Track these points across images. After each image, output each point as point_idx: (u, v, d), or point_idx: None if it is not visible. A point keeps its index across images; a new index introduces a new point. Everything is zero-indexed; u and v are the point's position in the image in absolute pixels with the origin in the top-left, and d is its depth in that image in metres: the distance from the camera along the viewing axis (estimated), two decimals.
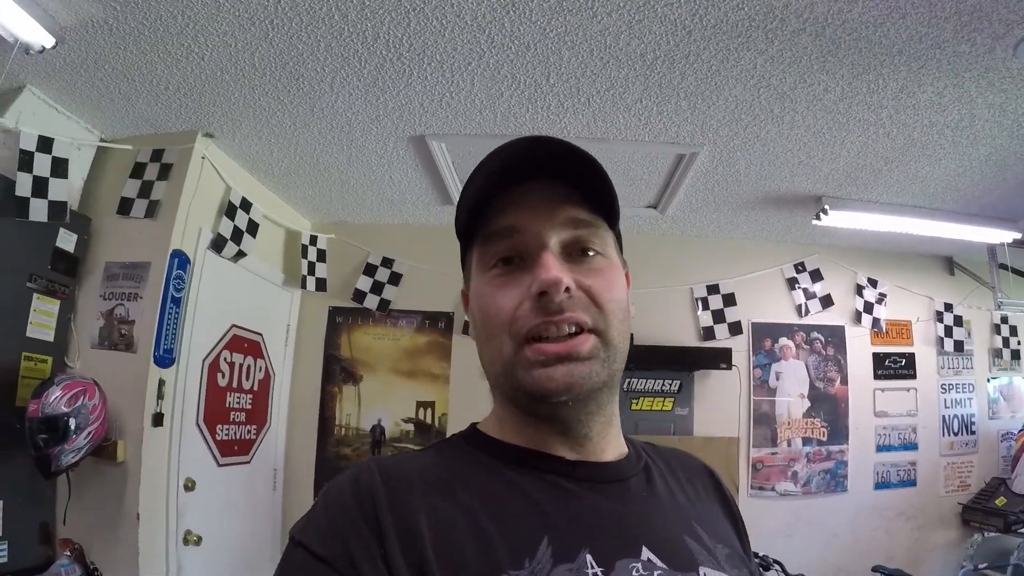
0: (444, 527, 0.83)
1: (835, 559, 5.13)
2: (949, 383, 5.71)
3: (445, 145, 3.79)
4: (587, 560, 0.82)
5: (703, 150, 3.75)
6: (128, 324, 3.42)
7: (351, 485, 0.88)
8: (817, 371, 5.35)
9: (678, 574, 0.86)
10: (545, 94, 3.20)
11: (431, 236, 5.13)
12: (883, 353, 5.54)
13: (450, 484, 0.90)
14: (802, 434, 5.25)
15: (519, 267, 0.94)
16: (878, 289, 5.55)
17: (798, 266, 5.47)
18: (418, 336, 5.05)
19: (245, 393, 4.36)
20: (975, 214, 4.65)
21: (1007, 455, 5.72)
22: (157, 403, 3.41)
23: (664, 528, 0.94)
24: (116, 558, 3.21)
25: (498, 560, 0.80)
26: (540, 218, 0.94)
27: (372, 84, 3.15)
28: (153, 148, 3.64)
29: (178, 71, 3.06)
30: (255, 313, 4.47)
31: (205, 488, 3.82)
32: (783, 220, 4.95)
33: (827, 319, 5.45)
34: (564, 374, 0.88)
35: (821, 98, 3.19)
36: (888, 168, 3.98)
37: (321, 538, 0.82)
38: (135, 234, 3.54)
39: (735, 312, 5.29)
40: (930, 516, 5.47)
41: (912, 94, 3.13)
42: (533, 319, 0.90)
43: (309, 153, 3.95)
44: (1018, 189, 4.22)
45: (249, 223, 4.12)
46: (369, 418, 4.97)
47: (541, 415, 0.95)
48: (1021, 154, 3.75)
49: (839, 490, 5.28)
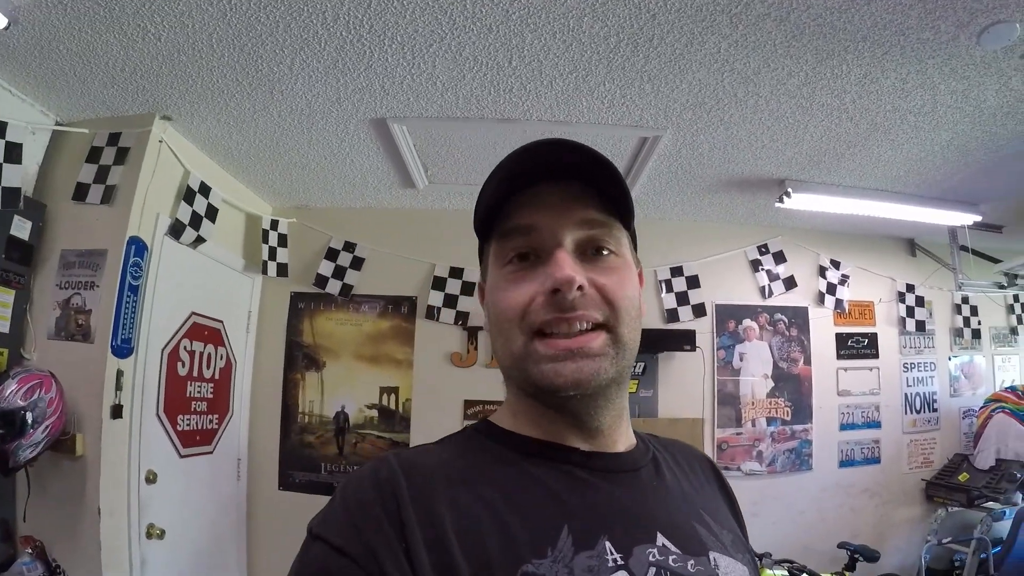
0: (467, 519, 0.84)
1: (801, 536, 5.17)
2: (911, 362, 5.79)
3: (407, 128, 3.74)
4: (606, 547, 0.85)
5: (666, 133, 3.73)
6: (85, 314, 3.35)
7: (371, 478, 0.88)
8: (781, 352, 5.38)
9: (691, 559, 0.90)
10: (507, 76, 3.17)
11: (393, 220, 5.11)
12: (846, 333, 5.59)
13: (469, 476, 0.92)
14: (766, 414, 5.29)
15: (534, 264, 0.97)
16: (841, 271, 5.60)
17: (761, 248, 5.49)
18: (381, 321, 5.00)
19: (206, 382, 4.29)
20: (937, 197, 4.71)
21: (969, 432, 5.83)
22: (116, 394, 3.34)
23: (675, 515, 0.98)
24: (78, 554, 3.16)
25: (521, 550, 0.82)
26: (556, 217, 0.97)
27: (332, 66, 3.09)
28: (110, 131, 3.56)
29: (134, 52, 2.99)
30: (215, 300, 4.40)
31: (167, 480, 3.76)
32: (746, 203, 4.96)
33: (790, 300, 5.48)
34: (573, 370, 0.91)
35: (785, 82, 3.19)
36: (851, 152, 4.00)
37: (341, 531, 0.82)
38: (91, 221, 3.46)
39: (699, 294, 5.30)
40: (894, 493, 5.55)
41: (876, 80, 3.14)
42: (545, 314, 0.93)
43: (269, 136, 3.89)
44: (979, 174, 4.28)
45: (208, 208, 4.05)
46: (332, 405, 4.92)
47: (553, 407, 0.97)
48: (982, 140, 3.79)
49: (804, 469, 5.33)
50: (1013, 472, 4.94)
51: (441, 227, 5.11)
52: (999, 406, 5.34)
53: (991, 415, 5.37)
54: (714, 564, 0.93)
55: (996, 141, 3.80)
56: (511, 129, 3.68)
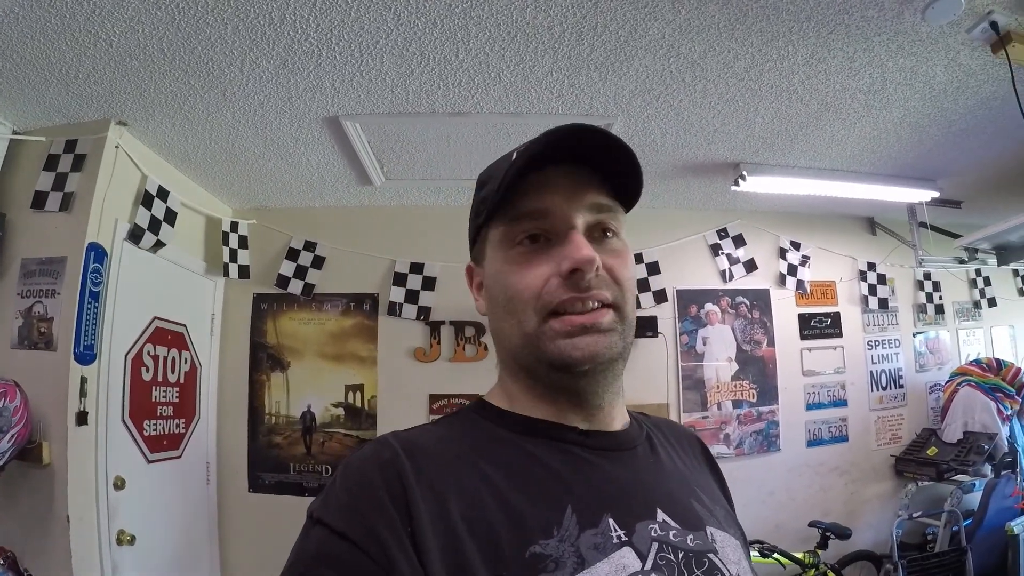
0: (472, 500, 0.85)
1: (772, 517, 5.21)
2: (875, 339, 5.84)
3: (360, 125, 3.72)
4: (610, 524, 0.87)
5: (617, 121, 3.73)
6: (47, 322, 3.32)
7: (374, 459, 0.89)
8: (744, 334, 5.41)
9: (690, 533, 0.93)
10: (455, 70, 3.16)
11: (353, 218, 5.10)
12: (809, 314, 5.63)
13: (470, 456, 0.93)
14: (732, 397, 5.32)
15: (544, 246, 0.99)
16: (801, 251, 5.64)
17: (720, 232, 5.52)
18: (343, 319, 4.98)
19: (171, 386, 4.26)
20: (894, 175, 4.75)
21: (936, 406, 5.90)
22: (80, 401, 3.31)
23: (673, 492, 1.01)
24: (49, 563, 3.14)
25: (528, 531, 0.83)
26: (568, 201, 0.98)
27: (282, 66, 3.08)
28: (66, 139, 3.54)
29: (87, 59, 2.97)
30: (177, 304, 4.37)
31: (135, 486, 3.73)
32: (703, 187, 4.97)
33: (752, 283, 5.51)
34: (589, 343, 0.94)
35: (731, 65, 3.20)
36: (803, 133, 4.02)
37: (342, 515, 0.82)
38: (50, 229, 3.44)
39: (659, 280, 5.32)
40: (863, 470, 5.60)
41: (823, 59, 3.16)
42: (562, 294, 0.95)
43: (224, 138, 3.86)
44: (934, 150, 4.32)
45: (167, 212, 4.03)
46: (299, 405, 4.91)
47: (559, 386, 0.99)
48: (934, 116, 3.82)
49: (772, 450, 5.37)
50: (981, 444, 5.01)
51: (400, 223, 5.11)
52: (965, 379, 5.42)
53: (957, 388, 5.44)
54: (711, 538, 0.96)
55: (948, 117, 3.84)
56: (463, 123, 3.69)
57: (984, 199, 5.35)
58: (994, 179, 4.94)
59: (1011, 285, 6.72)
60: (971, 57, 3.16)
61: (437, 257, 4.97)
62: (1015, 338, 6.62)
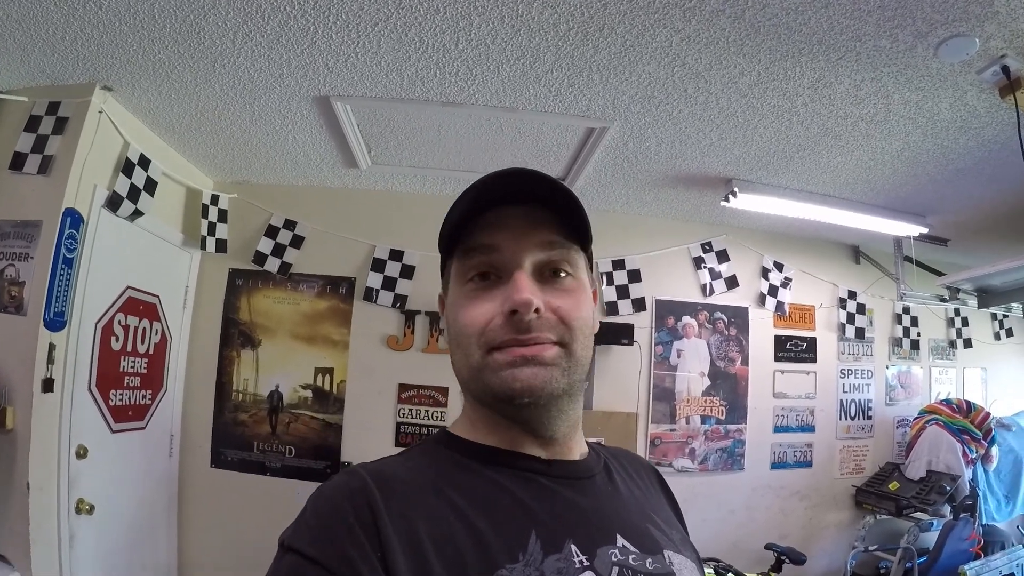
0: (440, 526, 0.88)
1: (730, 535, 5.23)
2: (848, 368, 5.86)
3: (350, 107, 3.66)
4: (572, 549, 0.91)
5: (614, 125, 3.69)
6: (18, 285, 3.27)
7: (343, 489, 0.90)
8: (719, 350, 5.41)
9: (648, 557, 0.98)
10: (453, 59, 3.11)
11: (335, 199, 5.04)
12: (785, 336, 5.63)
13: (437, 484, 0.96)
14: (701, 412, 5.31)
15: (494, 283, 1.02)
16: (783, 273, 5.64)
17: (705, 246, 5.50)
18: (318, 301, 4.93)
19: (140, 357, 4.21)
20: (884, 206, 4.75)
21: (902, 441, 5.93)
22: (47, 368, 3.27)
23: (630, 518, 1.05)
24: (6, 529, 3.13)
25: (494, 555, 0.86)
26: (518, 239, 1.02)
27: (276, 41, 3.01)
28: (49, 100, 3.47)
29: (75, 20, 2.89)
30: (152, 274, 4.31)
31: (98, 455, 3.71)
32: (692, 199, 4.95)
33: (731, 300, 5.50)
34: (529, 375, 0.96)
35: (736, 81, 3.16)
36: (800, 155, 4.00)
37: (313, 541, 0.83)
38: (27, 191, 3.38)
39: (639, 288, 5.29)
40: (824, 497, 5.64)
41: (829, 84, 3.13)
42: (503, 335, 0.98)
43: (211, 109, 3.79)
44: (928, 186, 4.32)
45: (147, 181, 3.97)
46: (267, 384, 4.86)
47: (510, 417, 1.03)
48: (933, 152, 3.82)
49: (736, 468, 5.37)
50: (943, 484, 5.02)
51: (383, 208, 5.06)
52: (933, 418, 5.43)
53: (925, 426, 5.45)
54: (669, 561, 1.00)
55: (947, 155, 3.83)
56: (456, 113, 3.63)
57: (971, 239, 5.38)
58: (984, 221, 4.96)
59: (988, 328, 6.78)
60: (978, 98, 3.15)
61: (418, 246, 4.92)
62: (986, 381, 6.67)
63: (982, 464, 5.20)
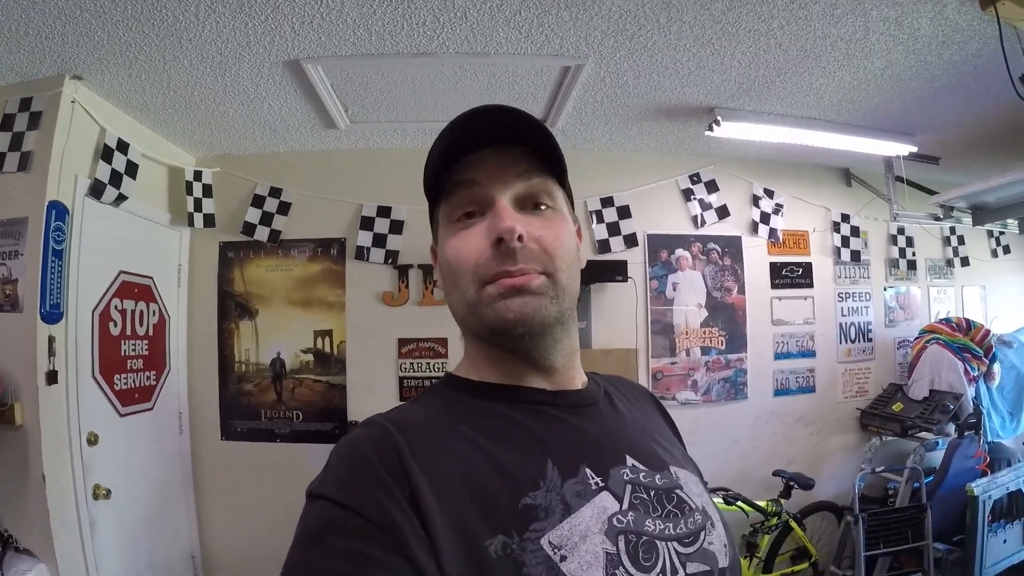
0: (464, 462, 0.94)
1: (737, 465, 5.27)
2: (846, 292, 5.86)
3: (322, 68, 3.65)
4: (587, 473, 0.98)
5: (588, 62, 3.67)
6: (12, 284, 3.34)
7: (367, 438, 0.95)
8: (714, 281, 5.41)
9: (656, 473, 1.06)
10: (419, 9, 3.08)
11: (318, 162, 5.04)
12: (780, 263, 5.63)
13: (454, 425, 1.01)
14: (701, 343, 5.33)
15: (480, 219, 1.07)
16: (774, 199, 5.62)
17: (693, 177, 5.47)
18: (311, 265, 4.96)
19: (140, 339, 4.29)
20: (872, 127, 4.72)
21: (903, 362, 5.95)
22: (49, 361, 3.36)
23: (635, 439, 1.13)
24: (28, 522, 3.23)
25: (518, 484, 0.93)
26: (496, 173, 1.07)
27: (239, 9, 3.00)
28: (21, 97, 3.51)
29: (36, 13, 2.91)
30: (143, 256, 4.36)
31: (109, 440, 3.79)
32: (676, 132, 4.92)
33: (723, 230, 5.49)
34: (519, 304, 1.01)
35: (708, 7, 3.13)
36: (781, 79, 3.97)
37: (342, 488, 0.88)
38: (10, 189, 3.43)
39: (630, 224, 5.27)
40: (829, 421, 5.66)
41: (804, 5, 3.11)
42: (494, 267, 1.02)
43: (183, 86, 3.79)
44: (915, 104, 4.30)
45: (128, 164, 4.00)
46: (268, 352, 4.91)
47: (508, 349, 1.08)
48: (917, 68, 3.79)
49: (739, 398, 5.40)
50: (946, 403, 5.05)
51: (366, 166, 5.06)
52: (933, 337, 5.44)
53: (925, 346, 5.47)
54: (675, 475, 1.08)
55: (931, 71, 3.81)
56: (428, 63, 3.61)
57: (962, 157, 5.36)
58: (974, 137, 4.93)
59: (985, 246, 6.77)
60: (958, 11, 3.13)
61: (404, 200, 4.92)
62: (985, 299, 6.68)
63: (985, 381, 5.21)
